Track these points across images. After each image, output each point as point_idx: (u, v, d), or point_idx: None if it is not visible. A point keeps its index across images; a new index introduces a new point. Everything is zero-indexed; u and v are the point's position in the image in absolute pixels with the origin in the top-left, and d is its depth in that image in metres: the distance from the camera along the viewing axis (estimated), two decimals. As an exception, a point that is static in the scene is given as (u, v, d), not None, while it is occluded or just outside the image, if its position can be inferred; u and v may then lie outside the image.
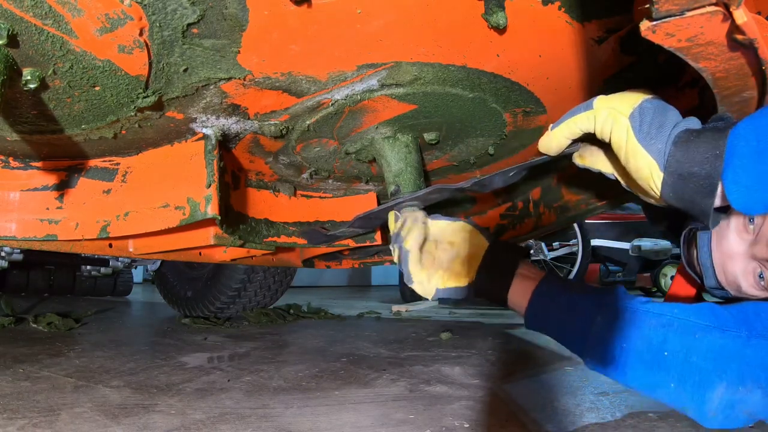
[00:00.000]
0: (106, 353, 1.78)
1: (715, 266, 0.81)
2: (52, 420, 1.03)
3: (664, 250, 4.28)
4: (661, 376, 0.66)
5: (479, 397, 1.25)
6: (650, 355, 0.67)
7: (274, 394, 1.27)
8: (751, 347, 0.63)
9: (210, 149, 0.96)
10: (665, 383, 0.66)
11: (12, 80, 0.69)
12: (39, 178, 1.08)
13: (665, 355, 0.66)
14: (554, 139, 0.75)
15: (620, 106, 0.68)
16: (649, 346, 0.67)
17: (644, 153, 0.64)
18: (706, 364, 0.64)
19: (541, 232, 1.55)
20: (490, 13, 0.68)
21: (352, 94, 0.87)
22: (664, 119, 0.65)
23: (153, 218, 1.02)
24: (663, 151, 0.64)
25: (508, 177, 0.89)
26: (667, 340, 0.66)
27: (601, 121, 0.69)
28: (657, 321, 0.68)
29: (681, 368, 0.65)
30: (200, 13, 0.64)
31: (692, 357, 0.65)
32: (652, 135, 0.64)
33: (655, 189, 0.66)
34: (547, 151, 0.77)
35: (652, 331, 0.68)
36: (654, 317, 0.69)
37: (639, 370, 0.68)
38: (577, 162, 0.82)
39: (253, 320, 2.77)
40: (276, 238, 1.29)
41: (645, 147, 0.65)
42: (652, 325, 0.68)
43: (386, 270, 8.40)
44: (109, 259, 3.70)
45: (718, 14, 0.49)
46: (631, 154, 0.66)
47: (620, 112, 0.67)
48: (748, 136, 0.58)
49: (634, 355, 0.68)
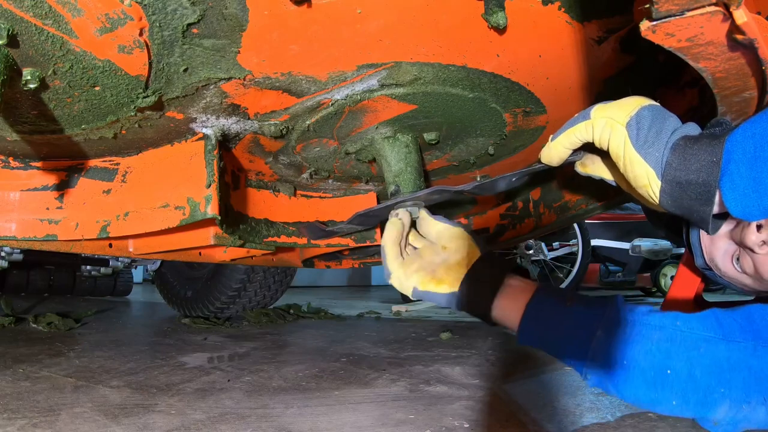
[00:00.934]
0: (106, 353, 1.78)
1: (703, 246, 0.88)
2: (52, 420, 1.03)
3: (664, 250, 4.28)
4: (664, 394, 0.65)
5: (479, 397, 1.25)
6: (653, 372, 0.65)
7: (274, 394, 1.27)
8: (758, 357, 0.62)
9: (210, 149, 0.96)
10: (667, 401, 0.65)
11: (12, 80, 0.69)
12: (39, 178, 1.08)
13: (668, 373, 0.64)
14: (555, 151, 0.75)
15: (617, 114, 0.67)
16: (651, 362, 0.66)
17: (641, 161, 0.64)
18: (710, 379, 0.63)
19: (541, 232, 1.55)
20: (490, 13, 0.68)
21: (352, 94, 0.87)
22: (662, 126, 0.65)
23: (153, 218, 1.02)
24: (660, 159, 0.63)
25: (510, 182, 0.88)
26: (670, 356, 0.65)
27: (599, 131, 0.68)
28: (660, 335, 0.66)
29: (684, 385, 0.64)
30: (200, 13, 0.64)
31: (696, 373, 0.63)
32: (650, 143, 0.64)
33: (654, 197, 0.66)
34: (549, 162, 0.77)
35: (655, 346, 0.66)
36: (657, 330, 0.67)
37: (641, 388, 0.66)
38: (579, 170, 0.82)
39: (253, 320, 2.77)
40: (276, 238, 1.29)
41: (642, 155, 0.64)
42: (655, 339, 0.66)
43: (386, 270, 8.38)
44: (109, 259, 3.70)
45: (718, 14, 0.49)
46: (629, 162, 0.66)
47: (617, 121, 0.67)
48: (745, 143, 0.58)
49: (636, 371, 0.66)
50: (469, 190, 0.89)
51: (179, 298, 2.95)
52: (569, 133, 0.72)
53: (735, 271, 0.85)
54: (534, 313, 0.74)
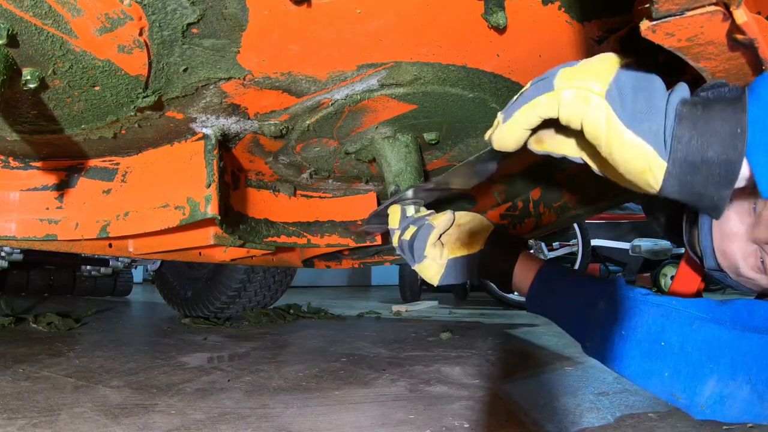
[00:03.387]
0: (106, 353, 1.78)
1: (715, 248, 0.79)
2: (52, 420, 1.03)
3: (664, 250, 4.28)
4: (657, 365, 0.67)
5: (479, 397, 1.25)
6: (648, 344, 0.68)
7: (274, 394, 1.27)
8: (746, 339, 0.64)
9: (210, 149, 0.96)
10: (660, 372, 0.67)
11: (12, 80, 0.69)
12: (39, 178, 1.08)
13: (662, 345, 0.67)
14: (510, 134, 0.59)
15: (590, 81, 0.53)
16: (647, 334, 0.68)
17: (636, 140, 0.51)
18: (700, 354, 0.65)
19: (541, 232, 1.55)
20: (490, 13, 0.68)
21: (352, 94, 0.87)
22: (650, 91, 0.52)
23: (153, 218, 1.02)
24: (661, 133, 0.51)
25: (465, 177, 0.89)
26: (664, 330, 0.67)
27: (569, 106, 0.54)
28: (656, 310, 0.69)
29: (676, 358, 0.66)
30: (200, 13, 0.64)
31: (688, 347, 0.66)
32: (643, 114, 0.51)
33: (654, 183, 0.52)
34: (502, 148, 0.62)
35: (651, 319, 0.69)
36: (654, 307, 0.70)
37: (636, 357, 0.69)
38: (534, 148, 0.65)
39: (253, 320, 2.77)
40: (276, 238, 1.29)
41: (636, 130, 0.51)
42: (652, 314, 0.69)
43: (386, 270, 8.39)
44: (109, 259, 3.70)
45: (718, 14, 0.49)
46: (616, 143, 0.52)
47: (592, 91, 0.52)
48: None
49: (632, 342, 0.69)
50: (431, 187, 0.92)
51: (179, 298, 2.95)
52: (528, 110, 0.57)
53: (759, 271, 0.74)
54: (542, 281, 0.81)
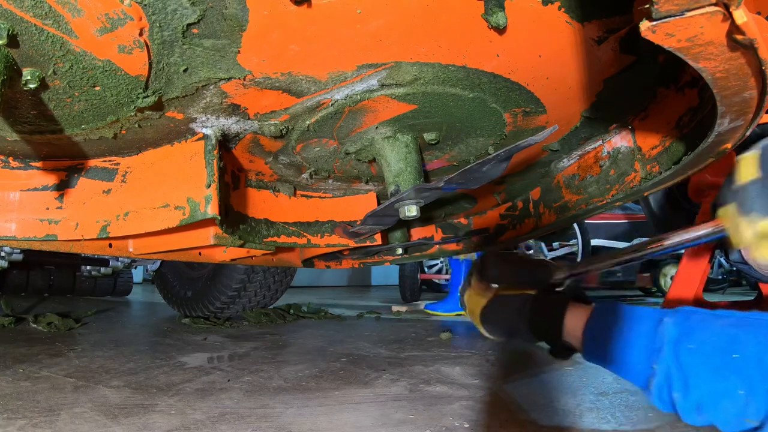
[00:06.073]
0: (106, 353, 1.78)
1: None
2: (52, 420, 1.03)
3: (664, 250, 4.28)
4: (729, 383, 0.59)
5: (479, 397, 1.25)
6: (718, 358, 0.60)
7: (274, 394, 1.27)
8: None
9: (210, 149, 0.96)
10: (732, 391, 0.59)
11: (12, 80, 0.69)
12: (39, 178, 1.08)
13: (734, 358, 0.59)
14: None
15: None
16: (715, 346, 0.61)
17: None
18: None
19: (541, 232, 1.55)
20: (490, 13, 0.68)
21: (352, 94, 0.87)
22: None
23: (153, 218, 1.02)
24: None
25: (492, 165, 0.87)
26: (737, 340, 0.60)
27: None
28: (725, 321, 0.62)
29: (753, 372, 0.57)
30: (200, 13, 0.64)
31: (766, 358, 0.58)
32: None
33: None
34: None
35: (720, 329, 0.61)
36: (720, 318, 0.63)
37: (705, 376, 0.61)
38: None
39: (253, 320, 2.77)
40: (276, 238, 1.29)
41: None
42: (720, 324, 0.62)
43: (386, 270, 8.40)
44: (109, 259, 3.70)
45: (718, 14, 0.49)
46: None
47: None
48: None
49: (702, 356, 0.61)
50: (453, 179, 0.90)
51: (179, 298, 2.95)
52: None
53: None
54: (598, 314, 0.75)
